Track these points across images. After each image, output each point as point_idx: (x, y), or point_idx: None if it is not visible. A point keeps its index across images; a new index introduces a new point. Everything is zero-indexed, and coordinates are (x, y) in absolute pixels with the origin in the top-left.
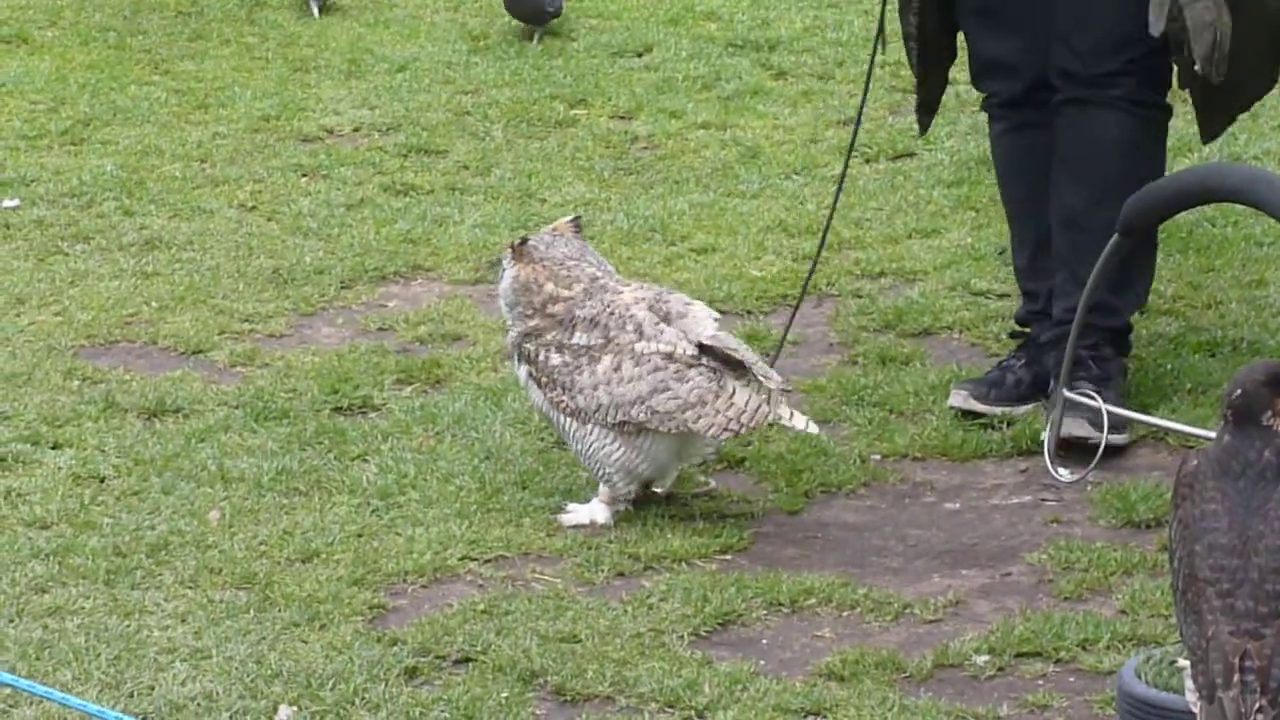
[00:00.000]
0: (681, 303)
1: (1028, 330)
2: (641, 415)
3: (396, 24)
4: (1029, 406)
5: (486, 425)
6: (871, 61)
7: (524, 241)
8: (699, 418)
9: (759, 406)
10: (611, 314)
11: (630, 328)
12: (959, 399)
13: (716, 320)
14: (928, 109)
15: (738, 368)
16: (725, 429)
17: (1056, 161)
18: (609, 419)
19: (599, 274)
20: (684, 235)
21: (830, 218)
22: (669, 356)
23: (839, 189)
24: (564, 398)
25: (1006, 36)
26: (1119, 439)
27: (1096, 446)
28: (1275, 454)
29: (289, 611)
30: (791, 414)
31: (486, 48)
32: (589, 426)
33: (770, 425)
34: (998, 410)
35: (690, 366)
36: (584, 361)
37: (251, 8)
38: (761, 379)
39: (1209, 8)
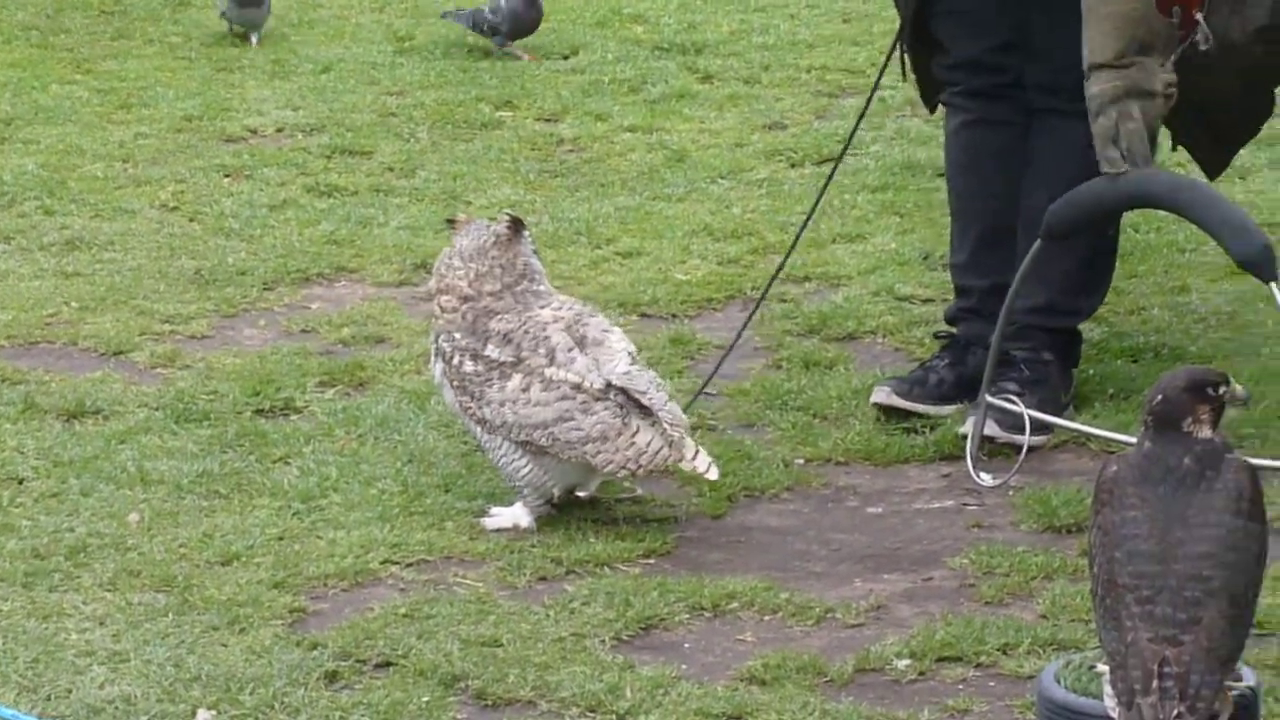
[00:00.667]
0: (600, 328)
1: (954, 330)
2: (544, 440)
3: (321, 25)
4: (951, 408)
5: (410, 428)
6: (876, 84)
7: (519, 221)
8: (599, 452)
9: (660, 449)
10: (526, 332)
11: (543, 351)
12: (881, 395)
13: (631, 354)
14: (928, 90)
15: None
16: (623, 467)
17: (1030, 167)
18: (514, 436)
19: (525, 282)
20: (610, 238)
21: (798, 237)
22: (577, 387)
23: (813, 209)
24: (472, 405)
25: (980, 37)
26: (1036, 440)
27: (1011, 447)
28: (1195, 461)
29: (209, 615)
30: (696, 454)
31: (412, 49)
32: (497, 439)
33: (670, 467)
34: (919, 407)
35: (598, 400)
36: (495, 376)
37: (175, 7)
38: (667, 426)
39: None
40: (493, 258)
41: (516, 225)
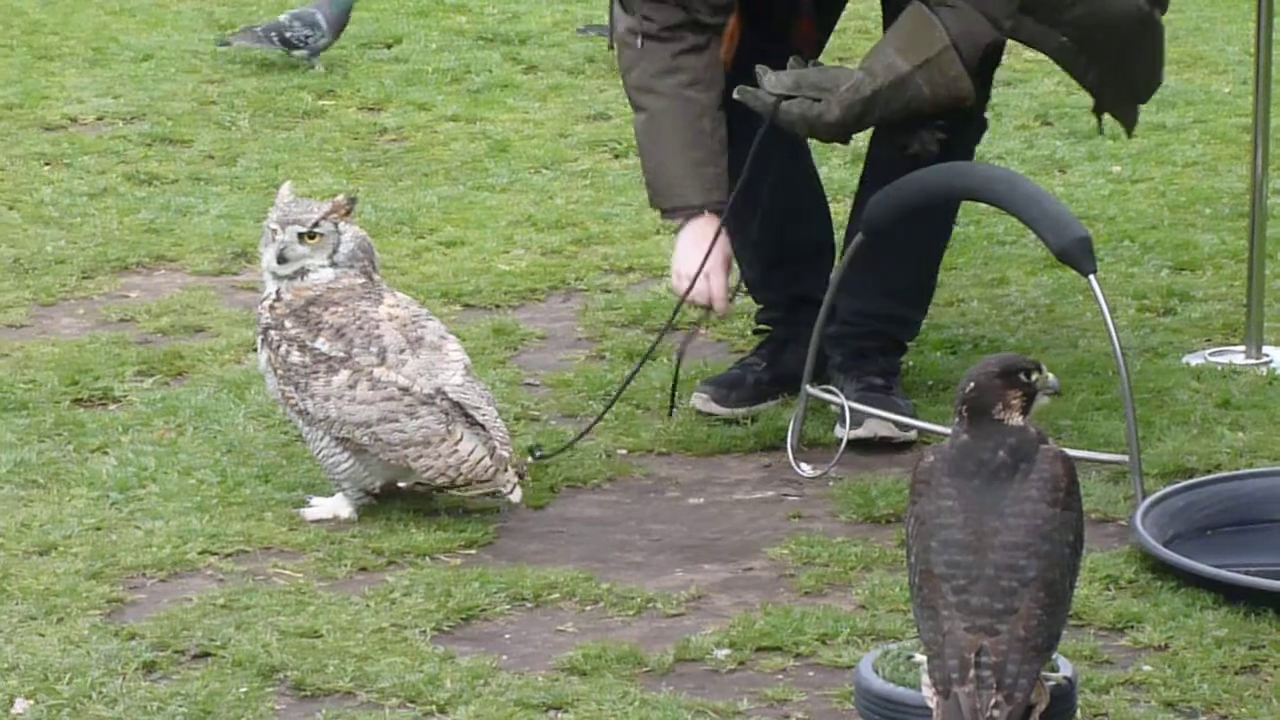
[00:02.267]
0: (437, 333)
1: (770, 329)
2: (365, 439)
3: (141, 12)
4: (772, 403)
5: (228, 418)
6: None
7: (354, 200)
8: (420, 457)
9: (481, 459)
10: (360, 328)
11: (374, 349)
12: (699, 401)
13: (467, 366)
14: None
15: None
16: (443, 474)
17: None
18: (335, 432)
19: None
20: (432, 228)
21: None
22: (405, 390)
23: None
24: (295, 396)
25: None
26: (908, 436)
27: (893, 443)
28: (1009, 453)
29: (26, 604)
30: (511, 485)
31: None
32: (318, 431)
33: (488, 479)
34: (739, 412)
35: (424, 404)
36: (322, 369)
37: None
38: (498, 445)
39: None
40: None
41: (352, 204)
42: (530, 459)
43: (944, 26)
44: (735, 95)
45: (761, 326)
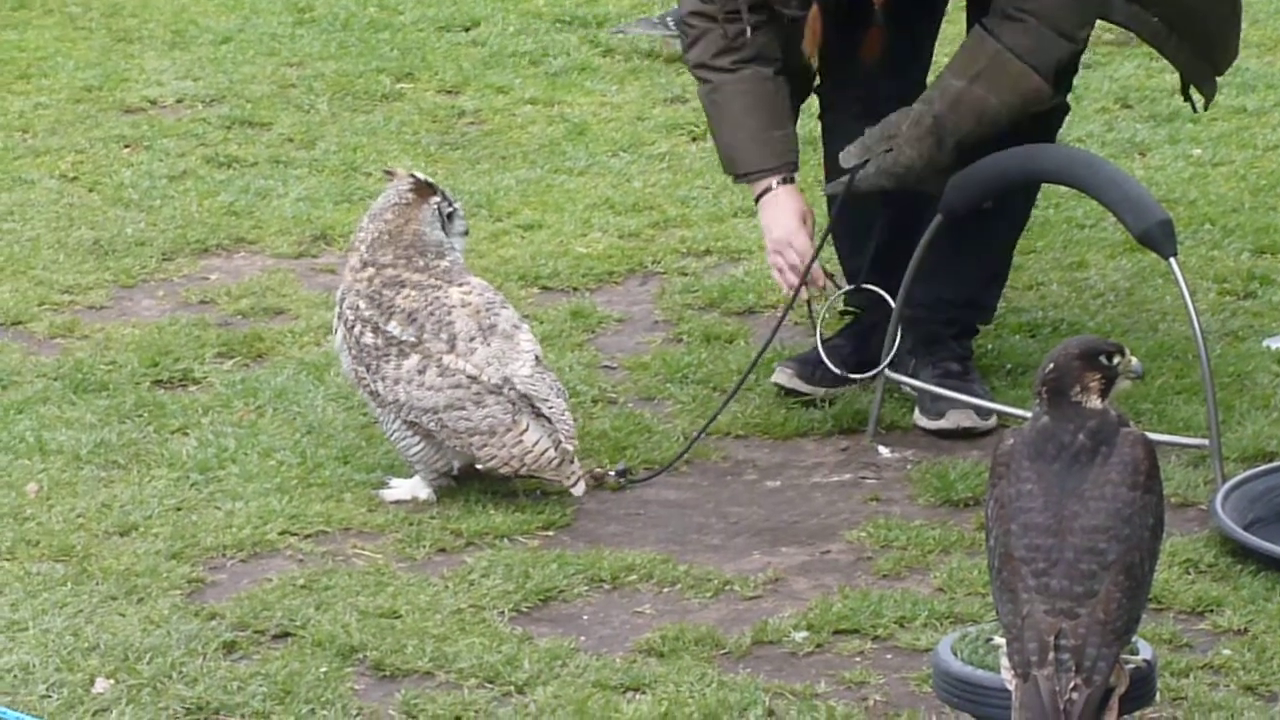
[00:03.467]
0: (510, 322)
1: (857, 311)
2: (432, 425)
3: None
4: (851, 386)
5: (308, 400)
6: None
7: (425, 185)
8: (484, 445)
9: (545, 450)
10: (431, 314)
11: (445, 336)
12: (783, 377)
13: (538, 356)
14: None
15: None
16: (506, 463)
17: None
18: (403, 415)
19: (418, 256)
20: (510, 211)
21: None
22: (474, 379)
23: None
24: (367, 377)
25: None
26: (989, 425)
27: (971, 432)
28: (1089, 436)
29: (107, 584)
30: (575, 478)
31: (312, 20)
32: (389, 414)
33: (551, 472)
34: (820, 390)
35: (491, 392)
36: (393, 352)
37: None
38: (563, 439)
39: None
40: (385, 221)
41: (421, 189)
42: (620, 480)
43: (998, 37)
44: (825, 192)
45: (849, 309)
